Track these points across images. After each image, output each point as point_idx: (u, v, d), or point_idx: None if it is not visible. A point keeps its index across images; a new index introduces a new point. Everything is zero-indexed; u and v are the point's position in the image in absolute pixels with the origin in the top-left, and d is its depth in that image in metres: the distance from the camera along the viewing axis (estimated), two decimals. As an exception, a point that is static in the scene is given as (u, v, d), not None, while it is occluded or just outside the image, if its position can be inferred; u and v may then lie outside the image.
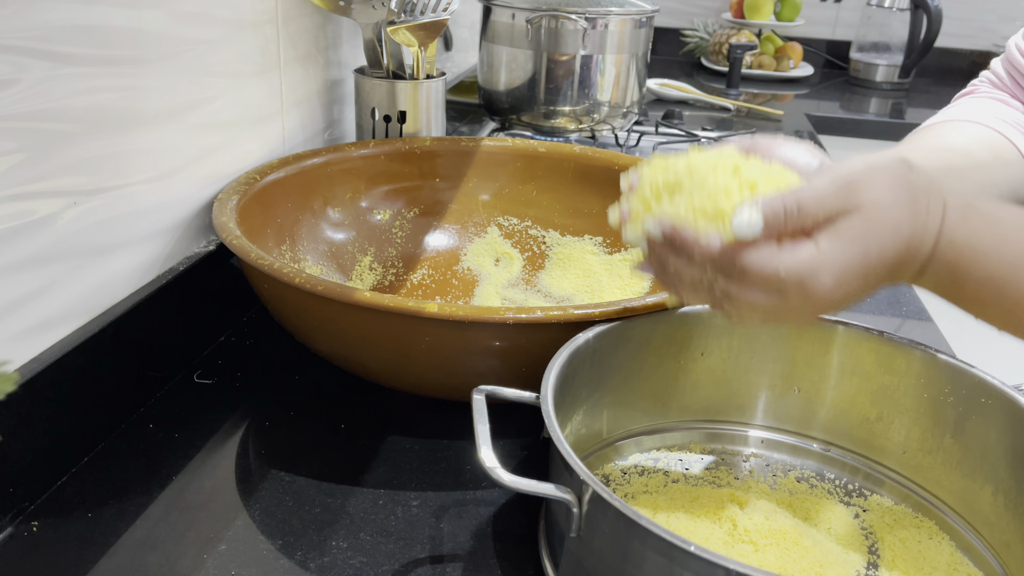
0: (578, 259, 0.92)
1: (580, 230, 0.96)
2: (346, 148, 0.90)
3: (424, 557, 0.54)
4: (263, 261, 0.62)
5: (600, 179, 0.94)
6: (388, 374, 0.66)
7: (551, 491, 0.45)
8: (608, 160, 0.93)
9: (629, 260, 0.89)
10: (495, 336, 0.59)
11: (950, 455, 0.57)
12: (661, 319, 0.60)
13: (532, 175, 0.97)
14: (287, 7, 0.88)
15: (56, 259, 0.58)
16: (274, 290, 0.64)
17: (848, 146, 1.92)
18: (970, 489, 0.56)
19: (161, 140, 0.69)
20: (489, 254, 0.94)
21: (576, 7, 1.22)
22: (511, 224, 0.97)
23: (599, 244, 0.94)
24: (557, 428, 0.47)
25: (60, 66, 0.56)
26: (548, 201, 0.96)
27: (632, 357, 0.61)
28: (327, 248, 0.87)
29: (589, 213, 0.95)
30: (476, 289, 0.89)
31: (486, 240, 0.96)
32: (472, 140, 0.96)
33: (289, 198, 0.84)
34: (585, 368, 0.57)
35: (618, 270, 0.89)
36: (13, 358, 0.55)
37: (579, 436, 0.59)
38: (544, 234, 0.96)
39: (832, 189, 0.43)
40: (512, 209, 0.97)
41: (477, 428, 0.49)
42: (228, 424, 0.66)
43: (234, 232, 0.67)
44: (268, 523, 0.56)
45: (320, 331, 0.65)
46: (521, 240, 0.96)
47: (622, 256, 0.90)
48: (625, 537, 0.42)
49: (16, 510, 0.55)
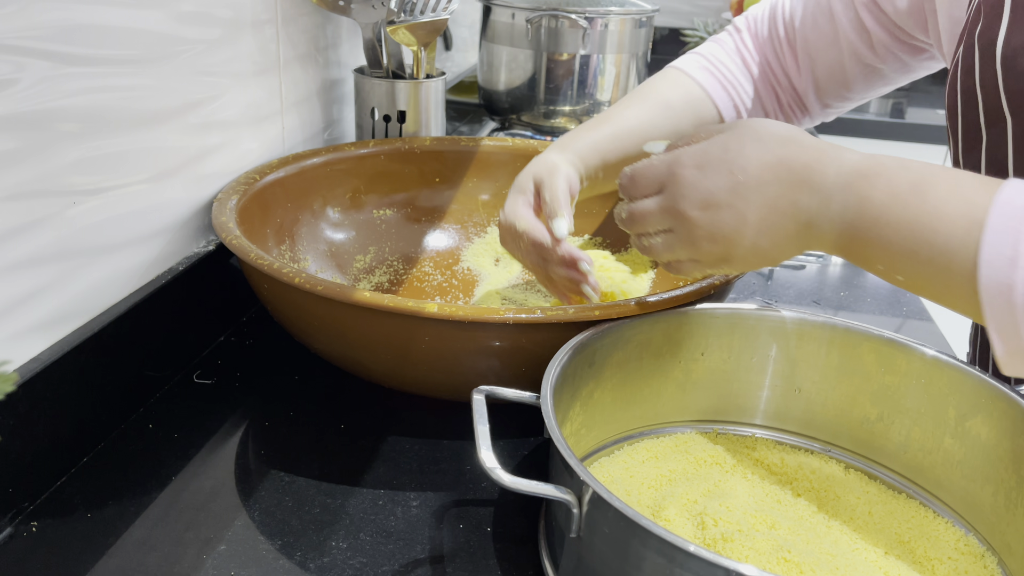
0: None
1: (580, 230, 0.95)
2: (346, 148, 0.90)
3: (424, 557, 0.54)
4: (262, 261, 0.62)
5: None
6: (388, 374, 0.66)
7: (551, 492, 0.45)
8: None
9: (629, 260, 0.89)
10: (495, 336, 0.59)
11: (950, 455, 0.57)
12: (661, 319, 0.60)
13: None
14: (287, 7, 0.88)
15: (56, 259, 0.58)
16: (274, 290, 0.64)
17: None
18: (970, 490, 0.56)
19: (161, 140, 0.69)
20: (489, 254, 0.94)
21: (576, 7, 1.22)
22: None
23: (599, 244, 0.94)
24: (557, 428, 0.47)
25: (60, 66, 0.56)
26: None
27: (632, 357, 0.61)
28: (327, 248, 0.87)
29: (589, 213, 0.95)
30: (476, 289, 0.89)
31: (486, 240, 0.96)
32: (472, 140, 0.96)
33: (289, 198, 0.84)
34: (585, 368, 0.57)
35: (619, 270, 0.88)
36: (13, 358, 0.55)
37: (579, 436, 0.59)
38: None
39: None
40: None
41: (477, 429, 0.48)
42: (228, 424, 0.66)
43: (234, 232, 0.67)
44: (268, 523, 0.56)
45: (320, 331, 0.65)
46: None
47: (623, 256, 0.90)
48: (625, 537, 0.42)
49: (16, 510, 0.55)
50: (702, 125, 0.69)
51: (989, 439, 0.55)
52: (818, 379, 0.62)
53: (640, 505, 0.55)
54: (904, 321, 0.91)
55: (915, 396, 0.59)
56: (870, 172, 0.47)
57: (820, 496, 0.58)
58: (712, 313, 0.62)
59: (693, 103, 0.77)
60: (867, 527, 0.55)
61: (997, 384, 0.54)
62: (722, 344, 0.63)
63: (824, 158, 0.49)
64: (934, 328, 0.88)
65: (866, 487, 0.60)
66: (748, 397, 0.64)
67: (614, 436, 0.63)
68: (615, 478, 0.58)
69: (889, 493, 0.59)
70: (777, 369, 0.63)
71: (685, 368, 0.63)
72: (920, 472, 0.59)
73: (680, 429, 0.64)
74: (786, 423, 0.64)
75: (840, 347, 0.61)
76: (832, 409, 0.62)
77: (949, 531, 0.56)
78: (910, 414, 0.59)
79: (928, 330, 0.88)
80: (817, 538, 0.53)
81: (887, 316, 0.91)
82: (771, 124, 0.51)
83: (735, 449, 0.62)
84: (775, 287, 0.93)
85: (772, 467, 0.61)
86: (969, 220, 0.42)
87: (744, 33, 0.81)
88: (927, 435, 0.58)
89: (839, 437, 0.63)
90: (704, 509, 0.53)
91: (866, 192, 0.47)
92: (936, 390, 0.58)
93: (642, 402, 0.63)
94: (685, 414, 0.64)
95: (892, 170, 0.47)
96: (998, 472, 0.54)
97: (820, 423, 0.63)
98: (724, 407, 0.65)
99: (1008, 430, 0.54)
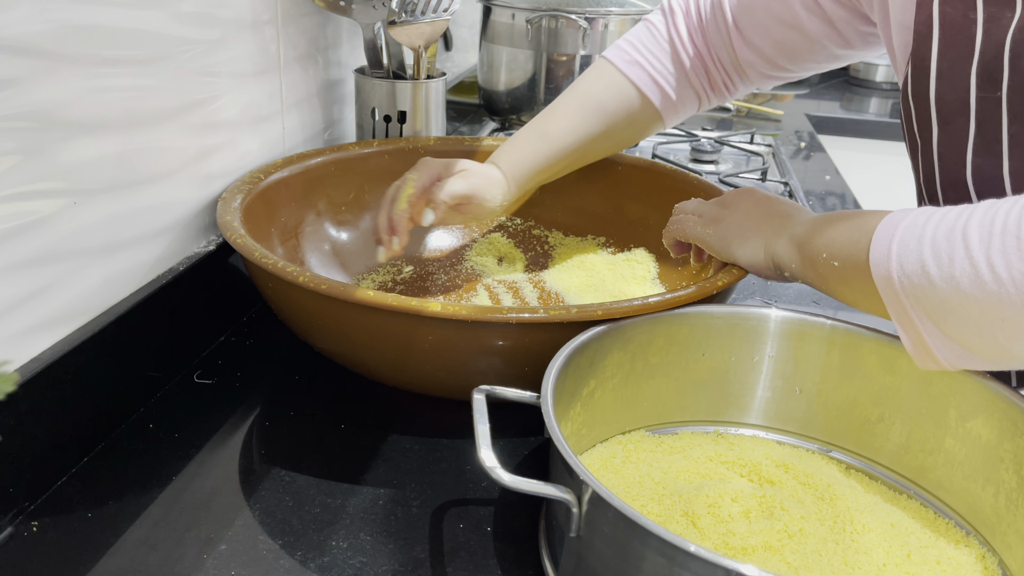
0: (581, 259, 0.92)
1: (583, 230, 0.95)
2: (349, 147, 0.90)
3: (424, 557, 0.54)
4: (267, 260, 0.62)
5: (603, 179, 0.94)
6: (391, 373, 0.66)
7: (551, 491, 0.45)
8: (610, 160, 0.93)
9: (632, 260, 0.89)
10: (498, 335, 0.59)
11: (951, 456, 0.57)
12: (662, 319, 0.60)
13: None
14: (287, 7, 0.88)
15: (56, 259, 0.58)
16: (278, 289, 0.64)
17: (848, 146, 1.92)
18: (971, 490, 0.56)
19: (161, 140, 0.69)
20: (492, 253, 0.94)
21: (576, 7, 1.22)
22: (514, 224, 0.97)
23: (602, 244, 0.94)
24: (557, 428, 0.47)
25: (60, 66, 0.56)
26: (551, 201, 0.96)
27: (634, 357, 0.61)
28: (331, 247, 0.87)
29: (592, 213, 0.95)
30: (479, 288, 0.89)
31: (489, 239, 0.96)
32: (475, 140, 0.96)
33: (293, 197, 0.84)
34: (586, 368, 0.57)
35: (621, 270, 0.89)
36: (13, 358, 0.55)
37: (580, 436, 0.59)
38: (547, 234, 0.96)
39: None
40: (515, 209, 0.97)
41: (477, 428, 0.48)
42: (228, 424, 0.66)
43: (238, 231, 0.67)
44: (268, 523, 0.56)
45: (323, 330, 0.65)
46: (524, 240, 0.96)
47: (625, 256, 0.90)
48: (625, 537, 0.42)
49: (16, 510, 0.55)
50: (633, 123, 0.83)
51: (990, 440, 0.55)
52: (819, 379, 0.62)
53: (640, 505, 0.55)
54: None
55: (916, 397, 0.58)
56: (822, 221, 0.61)
57: (820, 497, 0.58)
58: (713, 314, 0.62)
59: (624, 100, 0.82)
60: (867, 528, 0.55)
61: (997, 385, 0.54)
62: (723, 345, 0.62)
63: (794, 211, 0.65)
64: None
65: (867, 488, 0.60)
66: (749, 397, 0.64)
67: (616, 436, 0.63)
68: (615, 478, 0.58)
69: (890, 494, 0.59)
70: (778, 369, 0.63)
71: (686, 368, 0.63)
72: (921, 473, 0.59)
73: (680, 429, 0.64)
74: (787, 423, 0.64)
75: (841, 347, 0.61)
76: (833, 409, 0.62)
77: (950, 532, 0.56)
78: (911, 415, 0.59)
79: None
80: (817, 539, 0.53)
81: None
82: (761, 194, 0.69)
83: (736, 449, 0.62)
84: (775, 287, 0.93)
85: (773, 467, 0.61)
86: (865, 233, 0.54)
87: (678, 15, 0.81)
88: (928, 436, 0.58)
89: (839, 437, 0.63)
90: (704, 509, 0.53)
91: (815, 228, 0.61)
92: (937, 391, 0.57)
93: (643, 402, 0.63)
94: (686, 414, 0.64)
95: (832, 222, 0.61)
96: (999, 473, 0.54)
97: (820, 423, 0.63)
98: (725, 407, 0.64)
99: (1009, 431, 0.54)
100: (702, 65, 0.82)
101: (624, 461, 0.60)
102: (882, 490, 0.60)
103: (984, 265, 0.47)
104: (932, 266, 0.49)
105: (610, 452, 0.61)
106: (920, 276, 0.50)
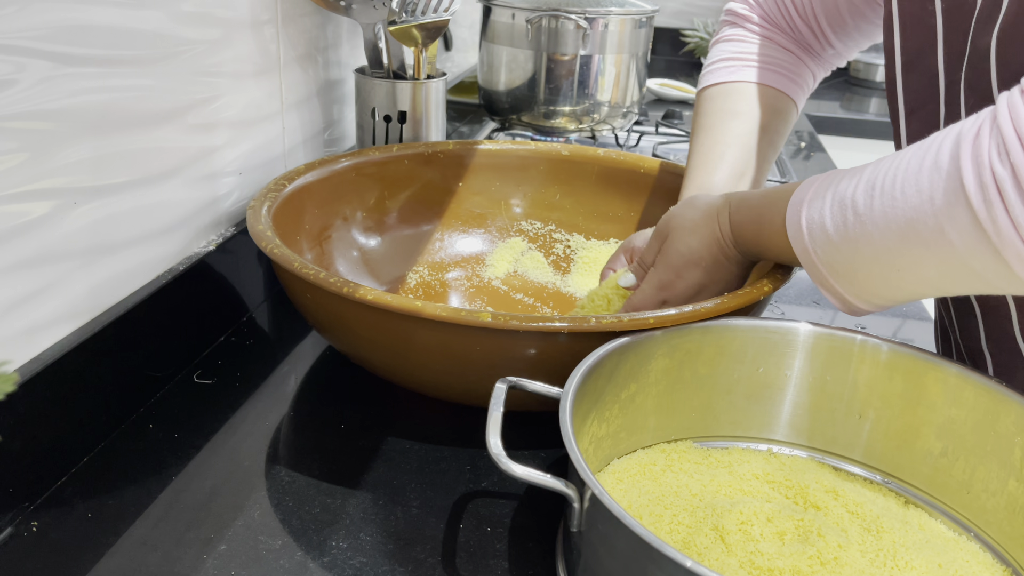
0: (603, 263, 0.91)
1: (605, 234, 0.95)
2: (369, 152, 0.89)
3: (424, 557, 0.54)
4: (307, 271, 0.60)
5: (624, 182, 0.93)
6: (430, 383, 0.65)
7: (552, 482, 0.45)
8: (633, 164, 0.92)
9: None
10: (535, 342, 0.58)
11: (1014, 500, 0.53)
12: (712, 329, 0.58)
13: (555, 179, 0.96)
14: (287, 7, 0.88)
15: (56, 259, 0.58)
16: (316, 299, 0.63)
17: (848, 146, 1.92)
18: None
19: (161, 140, 0.69)
20: (514, 258, 0.94)
21: (576, 7, 1.22)
22: (535, 228, 0.96)
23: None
24: (569, 422, 0.47)
25: (60, 66, 0.56)
26: (572, 205, 0.95)
27: (681, 365, 0.59)
28: (359, 254, 0.87)
29: (614, 217, 0.94)
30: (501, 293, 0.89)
31: (510, 244, 0.95)
32: (495, 143, 0.96)
33: (316, 203, 0.83)
34: (626, 371, 0.56)
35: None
36: (13, 358, 0.55)
37: (618, 439, 0.58)
38: (568, 238, 0.96)
39: (652, 240, 0.69)
40: (536, 213, 0.96)
41: (491, 414, 0.47)
42: (228, 424, 0.66)
43: (273, 241, 0.65)
44: (268, 523, 0.56)
45: (382, 347, 0.63)
46: (545, 244, 0.96)
47: None
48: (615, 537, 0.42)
49: (16, 510, 0.55)
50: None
51: None
52: (879, 405, 0.59)
53: (671, 515, 0.53)
54: (904, 322, 0.91)
55: (981, 432, 0.55)
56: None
57: (867, 528, 0.54)
58: (768, 328, 0.60)
59: (781, 112, 0.81)
60: (910, 565, 0.51)
61: None
62: (781, 363, 0.60)
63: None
64: (933, 328, 0.88)
65: (922, 525, 0.56)
66: (803, 418, 0.61)
67: (659, 443, 0.61)
68: (651, 484, 0.56)
69: (948, 534, 0.56)
70: (836, 392, 0.60)
71: (739, 381, 0.61)
72: (983, 515, 0.55)
73: (732, 444, 0.62)
74: (846, 450, 0.61)
75: (904, 374, 0.58)
76: (894, 439, 0.59)
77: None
78: (975, 451, 0.55)
79: (927, 330, 0.88)
80: (854, 570, 0.49)
81: (887, 316, 0.91)
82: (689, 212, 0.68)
83: (785, 470, 0.59)
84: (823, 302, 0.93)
85: (821, 492, 0.57)
86: (787, 192, 0.58)
87: (753, 18, 0.82)
88: (992, 476, 0.54)
89: (901, 469, 0.59)
90: (735, 526, 0.51)
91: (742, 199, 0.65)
92: (1004, 428, 0.54)
93: (690, 412, 0.61)
94: (737, 429, 0.62)
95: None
96: None
97: (880, 452, 0.60)
98: (777, 425, 0.62)
99: None
100: (803, 48, 0.82)
101: (664, 469, 0.58)
102: (939, 529, 0.56)
103: (853, 205, 0.51)
104: (829, 222, 0.53)
105: (651, 458, 0.59)
106: (821, 231, 0.54)
